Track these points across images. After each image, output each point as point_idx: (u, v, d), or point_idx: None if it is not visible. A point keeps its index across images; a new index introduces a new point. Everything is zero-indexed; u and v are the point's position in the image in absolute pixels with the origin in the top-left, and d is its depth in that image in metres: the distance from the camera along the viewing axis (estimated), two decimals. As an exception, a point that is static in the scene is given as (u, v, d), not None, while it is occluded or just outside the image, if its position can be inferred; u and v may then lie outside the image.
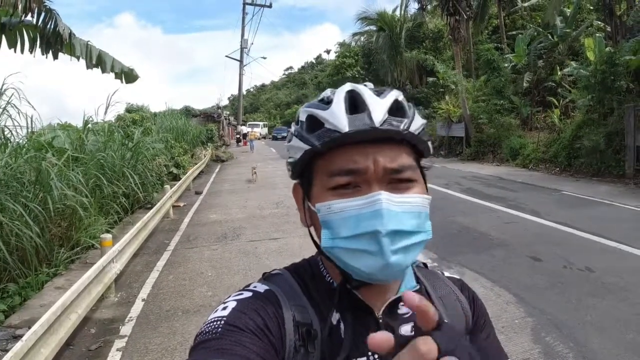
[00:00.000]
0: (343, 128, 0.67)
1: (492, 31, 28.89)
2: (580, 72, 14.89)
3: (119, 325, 4.66)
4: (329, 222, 0.69)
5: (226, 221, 9.47)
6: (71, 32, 4.88)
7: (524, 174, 15.34)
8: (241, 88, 35.45)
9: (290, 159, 0.78)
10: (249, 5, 33.19)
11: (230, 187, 14.74)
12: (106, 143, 10.56)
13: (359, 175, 0.68)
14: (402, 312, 0.79)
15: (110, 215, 8.80)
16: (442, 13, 23.18)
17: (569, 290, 5.04)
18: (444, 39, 29.28)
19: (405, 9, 30.87)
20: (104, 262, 4.83)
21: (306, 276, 0.80)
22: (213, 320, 0.68)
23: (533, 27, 21.28)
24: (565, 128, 16.41)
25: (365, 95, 0.70)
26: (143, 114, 19.72)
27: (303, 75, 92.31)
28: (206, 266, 6.47)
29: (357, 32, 36.97)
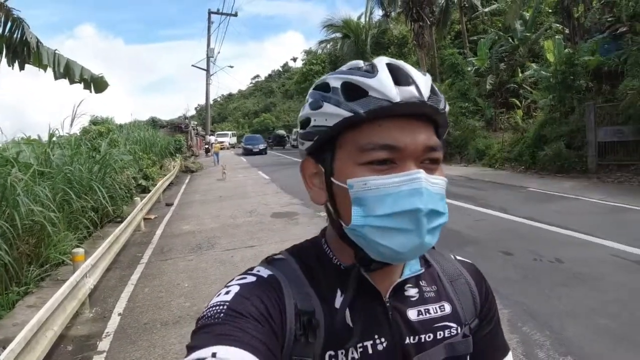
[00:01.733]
0: (394, 98, 0.64)
1: (454, 36, 29.67)
2: (541, 74, 15.47)
3: (96, 341, 4.53)
4: (363, 199, 0.66)
5: (200, 231, 9.34)
6: (39, 41, 4.76)
7: (491, 173, 15.74)
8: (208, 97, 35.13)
9: (310, 129, 0.72)
10: (215, 14, 33.04)
11: (202, 198, 14.55)
12: (73, 156, 10.27)
13: (396, 152, 0.66)
14: (408, 294, 0.78)
15: (79, 231, 8.54)
16: (406, 19, 23.73)
17: (541, 281, 5.20)
18: (408, 44, 29.84)
19: (369, 15, 31.39)
20: (77, 277, 4.69)
21: (310, 259, 0.77)
22: (216, 304, 0.67)
23: (494, 32, 21.99)
24: (528, 128, 16.97)
25: (409, 69, 0.68)
26: (109, 125, 19.28)
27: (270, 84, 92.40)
28: (182, 277, 6.36)
29: (324, 39, 37.31)
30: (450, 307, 0.79)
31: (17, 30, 4.42)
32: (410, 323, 0.75)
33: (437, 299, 0.79)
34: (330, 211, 0.74)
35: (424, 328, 0.75)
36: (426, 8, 22.46)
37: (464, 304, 0.81)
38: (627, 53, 12.67)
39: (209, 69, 33.72)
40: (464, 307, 0.81)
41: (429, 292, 0.80)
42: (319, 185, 0.75)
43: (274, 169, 22.88)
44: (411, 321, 0.75)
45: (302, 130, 0.74)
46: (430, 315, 0.77)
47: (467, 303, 0.82)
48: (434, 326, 0.76)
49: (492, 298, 0.87)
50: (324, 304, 0.72)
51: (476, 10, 26.07)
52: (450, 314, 0.79)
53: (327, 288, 0.74)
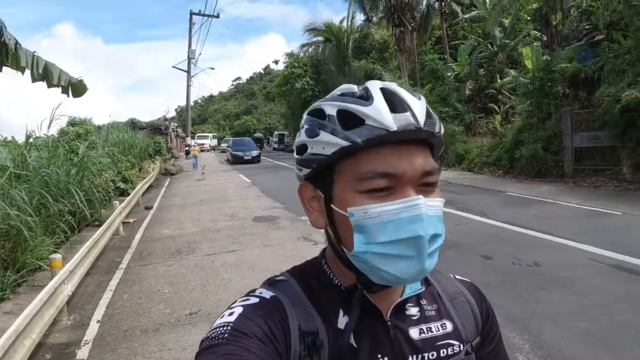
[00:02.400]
0: (391, 126, 0.64)
1: (435, 42, 30.06)
2: (519, 80, 15.78)
3: (75, 349, 4.43)
4: (364, 227, 0.66)
5: (180, 236, 9.22)
6: (17, 42, 4.64)
7: (470, 177, 15.96)
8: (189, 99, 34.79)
9: (307, 156, 0.72)
10: (197, 15, 32.82)
11: (182, 201, 14.38)
12: (50, 159, 10.05)
13: (395, 179, 0.66)
14: (409, 313, 0.78)
15: (56, 235, 8.35)
16: (387, 24, 23.97)
17: (520, 285, 5.30)
18: (389, 49, 30.12)
19: (351, 20, 31.55)
20: (55, 284, 4.59)
21: (312, 281, 0.77)
22: (219, 325, 0.67)
23: (474, 38, 22.35)
24: (506, 132, 17.28)
25: (404, 95, 0.68)
26: (87, 127, 18.92)
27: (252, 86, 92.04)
28: (162, 283, 6.27)
29: (306, 43, 37.34)
30: (451, 325, 0.80)
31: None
32: (412, 342, 0.76)
33: (439, 317, 0.80)
34: (330, 235, 0.75)
35: (426, 346, 0.76)
36: (407, 13, 22.73)
37: (465, 322, 0.82)
38: (603, 60, 13.01)
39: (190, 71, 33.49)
40: (465, 325, 0.81)
41: (430, 311, 0.80)
42: (318, 209, 0.75)
43: (255, 172, 22.78)
44: (413, 340, 0.76)
45: (299, 157, 0.74)
46: (432, 333, 0.77)
47: (468, 321, 0.82)
48: (437, 344, 0.76)
49: (494, 316, 0.88)
50: (327, 324, 0.72)
51: (456, 16, 26.47)
52: (452, 332, 0.79)
53: (330, 309, 0.74)
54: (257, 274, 6.04)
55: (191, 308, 5.22)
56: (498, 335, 0.87)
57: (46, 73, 5.10)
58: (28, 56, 4.91)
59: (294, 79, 36.34)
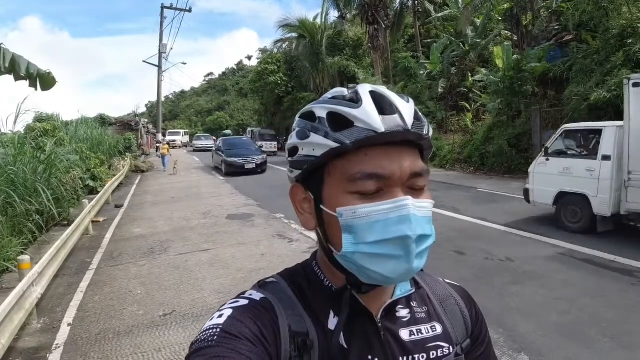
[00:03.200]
0: (379, 128, 0.65)
1: (408, 40, 30.31)
2: (490, 78, 16.07)
3: (46, 353, 4.29)
4: (353, 227, 0.67)
5: (152, 235, 9.06)
6: (-19, 37, 4.47)
7: (442, 174, 16.20)
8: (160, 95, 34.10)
9: (298, 158, 0.73)
10: (168, 9, 32.06)
11: (154, 199, 14.12)
12: (16, 156, 9.70)
13: (384, 180, 0.67)
14: (400, 315, 0.79)
15: (24, 235, 8.07)
16: (361, 22, 24.07)
17: (493, 280, 5.42)
18: (363, 46, 30.22)
19: (325, 17, 31.49)
20: (23, 287, 4.44)
21: (302, 282, 0.78)
22: (209, 328, 0.67)
23: (446, 37, 22.64)
24: (477, 130, 17.61)
25: (392, 98, 0.70)
26: (54, 123, 18.34)
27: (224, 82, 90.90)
28: (134, 284, 6.14)
29: (279, 39, 37.10)
30: (441, 328, 0.81)
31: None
32: (402, 343, 0.76)
33: (428, 319, 0.81)
34: (320, 236, 0.76)
35: (416, 348, 0.76)
36: (381, 11, 22.88)
37: (455, 324, 0.83)
38: (572, 60, 13.37)
39: (161, 65, 32.75)
40: (455, 328, 0.82)
41: (420, 313, 0.81)
42: (308, 210, 0.76)
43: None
44: (404, 341, 0.77)
45: (291, 159, 0.75)
46: (422, 335, 0.78)
47: (458, 323, 0.83)
48: (427, 346, 0.77)
49: (483, 320, 0.89)
50: (318, 325, 0.72)
51: (429, 15, 26.73)
52: (442, 334, 0.80)
53: (320, 310, 0.74)
54: (232, 273, 5.99)
55: (165, 309, 5.14)
56: (488, 338, 0.88)
57: (13, 65, 4.90)
58: (-6, 49, 4.73)
59: (268, 74, 36.10)
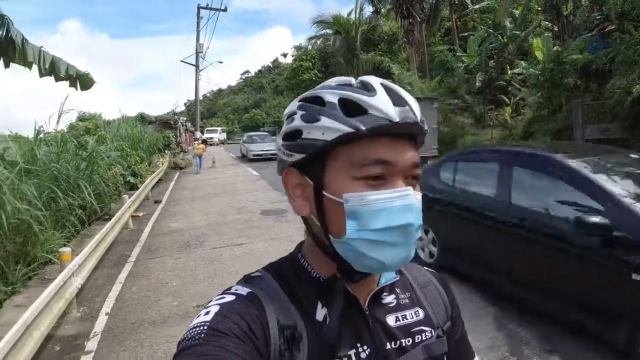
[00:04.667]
0: (394, 117, 0.67)
1: (444, 33, 29.76)
2: (530, 71, 15.56)
3: (83, 341, 4.51)
4: (358, 214, 0.67)
5: (188, 229, 9.30)
6: (24, 38, 4.70)
7: (480, 170, 15.82)
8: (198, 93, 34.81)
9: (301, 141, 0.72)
10: (204, 9, 32.65)
11: (190, 195, 14.47)
12: (59, 154, 10.15)
13: (389, 167, 0.68)
14: (385, 302, 0.80)
15: (66, 229, 8.46)
16: (396, 16, 23.76)
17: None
18: (398, 41, 29.89)
19: (360, 12, 31.33)
20: (64, 277, 4.67)
21: (289, 275, 0.78)
22: (196, 325, 0.67)
23: (484, 29, 22.07)
24: (516, 125, 17.12)
25: (401, 91, 0.72)
26: (96, 122, 19.07)
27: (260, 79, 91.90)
28: (170, 276, 6.35)
29: (314, 35, 37.17)
30: (423, 313, 0.83)
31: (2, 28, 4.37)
32: (389, 329, 0.78)
33: (412, 305, 0.83)
34: (313, 223, 0.76)
35: (402, 333, 0.78)
36: (416, 5, 22.52)
37: (436, 309, 0.86)
38: (615, 51, 12.77)
39: (198, 65, 33.42)
40: (436, 312, 0.85)
41: (403, 299, 0.83)
42: (302, 196, 0.76)
43: (263, 165, 22.81)
44: (390, 327, 0.78)
45: (292, 142, 0.73)
46: (407, 320, 0.80)
47: (439, 308, 0.86)
48: (411, 331, 0.79)
49: (458, 305, 0.93)
50: (306, 317, 0.73)
51: (466, 7, 26.14)
52: (424, 319, 0.82)
53: (307, 301, 0.75)
54: (265, 267, 6.05)
55: (199, 300, 5.28)
56: (463, 323, 0.92)
57: (53, 67, 5.15)
58: (35, 51, 4.96)
59: (302, 72, 36.26)
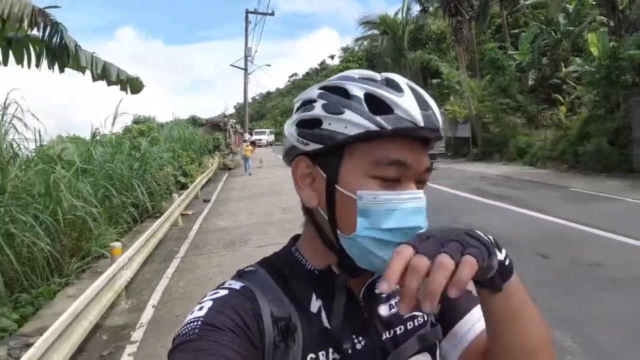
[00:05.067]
0: (419, 121, 0.66)
1: (495, 30, 28.90)
2: (585, 68, 14.87)
3: (130, 331, 4.72)
4: (370, 212, 0.67)
5: (234, 228, 9.51)
6: (77, 45, 4.99)
7: (532, 172, 15.29)
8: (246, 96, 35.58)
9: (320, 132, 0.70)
10: (252, 14, 33.37)
11: (238, 194, 14.80)
12: (114, 154, 10.69)
13: (406, 169, 0.68)
14: (378, 292, 0.79)
15: (119, 225, 8.90)
16: (444, 14, 23.30)
17: (578, 285, 5.03)
18: (447, 40, 29.30)
19: (407, 11, 30.97)
20: (114, 270, 4.90)
21: (282, 268, 0.77)
22: (190, 321, 0.66)
23: (536, 25, 21.28)
24: (571, 125, 16.37)
25: (425, 95, 0.71)
26: (150, 124, 19.90)
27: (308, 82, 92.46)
28: (215, 272, 6.51)
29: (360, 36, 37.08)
30: None
31: (56, 35, 4.65)
32: (383, 319, 0.77)
33: None
34: (319, 216, 0.74)
35: (396, 321, 0.78)
36: (464, 2, 21.99)
37: None
38: (673, 47, 12.01)
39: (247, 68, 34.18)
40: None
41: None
42: (310, 186, 0.74)
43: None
44: (384, 317, 0.78)
45: (308, 130, 0.71)
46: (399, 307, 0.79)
47: None
48: (404, 318, 0.79)
49: None
50: (300, 309, 0.72)
51: (517, 3, 25.29)
52: None
53: (302, 294, 0.74)
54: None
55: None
56: None
57: (105, 72, 5.45)
58: (87, 57, 5.26)
59: (349, 73, 36.19)
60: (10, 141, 6.89)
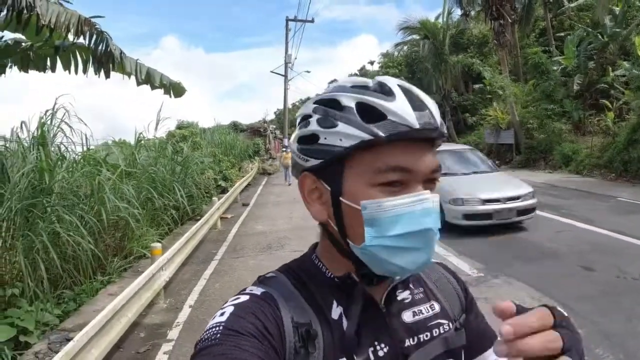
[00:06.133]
0: (414, 124, 0.65)
1: (539, 34, 27.99)
2: (633, 72, 14.24)
3: (166, 330, 4.85)
4: (376, 220, 0.66)
5: (271, 232, 9.62)
6: (122, 52, 5.22)
7: (578, 180, 14.71)
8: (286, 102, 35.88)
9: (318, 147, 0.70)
10: (292, 21, 33.66)
11: (276, 199, 14.96)
12: (157, 158, 11.03)
13: (409, 173, 0.67)
14: (400, 298, 0.79)
15: (161, 227, 9.18)
16: (485, 18, 22.77)
17: (622, 300, 4.79)
18: (489, 44, 28.63)
19: (448, 15, 30.50)
20: (153, 270, 5.05)
21: (302, 275, 0.78)
22: (212, 326, 0.67)
23: (582, 28, 20.48)
24: (620, 132, 15.65)
25: (421, 94, 0.70)
26: (193, 129, 20.43)
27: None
28: (251, 275, 6.57)
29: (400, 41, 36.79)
30: (439, 306, 0.82)
31: (101, 43, 4.88)
32: (407, 325, 0.77)
33: (426, 299, 0.82)
34: (331, 229, 0.74)
35: (420, 328, 0.77)
36: (507, 5, 21.39)
37: (450, 301, 0.85)
38: None
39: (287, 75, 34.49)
40: (451, 304, 0.84)
41: (418, 294, 0.82)
42: (318, 201, 0.74)
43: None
44: (407, 323, 0.77)
45: (308, 147, 0.72)
46: (423, 315, 0.79)
47: (453, 300, 0.86)
48: (429, 325, 0.78)
49: (468, 290, 0.91)
50: (321, 315, 0.73)
51: (562, 5, 24.42)
52: (440, 312, 0.81)
53: (322, 300, 0.74)
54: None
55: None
56: (475, 304, 0.90)
57: (149, 77, 5.68)
58: (132, 63, 5.49)
59: (389, 79, 35.93)
60: (58, 144, 7.22)
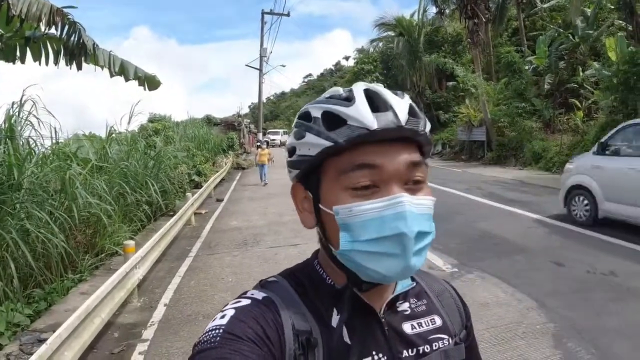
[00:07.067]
0: (371, 125, 0.66)
1: (511, 33, 28.60)
2: (602, 73, 14.66)
3: (141, 329, 4.74)
4: (349, 225, 0.67)
5: (247, 228, 9.53)
6: (95, 44, 5.05)
7: (547, 177, 15.08)
8: (261, 96, 35.69)
9: (295, 158, 0.74)
10: (268, 14, 33.41)
11: (251, 194, 14.84)
12: (129, 152, 10.79)
13: (378, 173, 0.67)
14: (401, 309, 0.79)
15: (133, 223, 8.98)
16: (460, 16, 23.08)
17: (592, 295, 4.93)
18: (463, 42, 29.09)
19: (423, 13, 30.82)
20: (127, 268, 4.92)
21: (304, 281, 0.78)
22: (211, 329, 0.66)
23: (554, 28, 20.99)
24: (588, 130, 16.13)
25: (386, 95, 0.70)
26: (165, 123, 20.05)
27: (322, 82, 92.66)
28: (227, 272, 6.53)
29: (375, 38, 37.01)
30: (440, 320, 0.82)
31: (73, 34, 4.71)
32: (406, 337, 0.77)
33: (428, 312, 0.82)
34: (320, 235, 0.77)
35: (419, 341, 0.77)
36: (481, 4, 21.73)
37: (452, 316, 0.85)
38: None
39: (262, 68, 34.26)
40: (452, 320, 0.84)
41: (419, 307, 0.82)
42: (308, 209, 0.77)
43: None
44: (407, 335, 0.77)
45: (290, 159, 0.77)
46: (423, 328, 0.79)
47: (454, 315, 0.85)
48: (429, 338, 0.78)
49: (469, 313, 0.91)
50: (321, 323, 0.72)
51: (535, 6, 24.97)
52: (441, 327, 0.81)
53: (323, 308, 0.74)
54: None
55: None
56: (472, 327, 0.91)
57: (122, 69, 5.53)
58: (105, 55, 5.33)
59: (364, 74, 36.16)
60: (27, 138, 6.97)
